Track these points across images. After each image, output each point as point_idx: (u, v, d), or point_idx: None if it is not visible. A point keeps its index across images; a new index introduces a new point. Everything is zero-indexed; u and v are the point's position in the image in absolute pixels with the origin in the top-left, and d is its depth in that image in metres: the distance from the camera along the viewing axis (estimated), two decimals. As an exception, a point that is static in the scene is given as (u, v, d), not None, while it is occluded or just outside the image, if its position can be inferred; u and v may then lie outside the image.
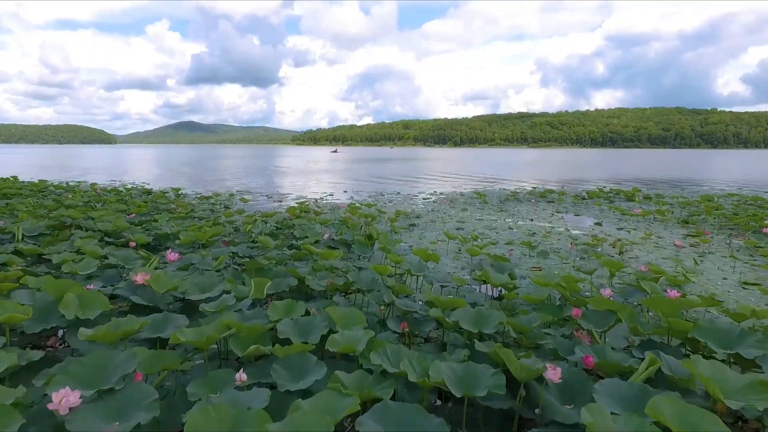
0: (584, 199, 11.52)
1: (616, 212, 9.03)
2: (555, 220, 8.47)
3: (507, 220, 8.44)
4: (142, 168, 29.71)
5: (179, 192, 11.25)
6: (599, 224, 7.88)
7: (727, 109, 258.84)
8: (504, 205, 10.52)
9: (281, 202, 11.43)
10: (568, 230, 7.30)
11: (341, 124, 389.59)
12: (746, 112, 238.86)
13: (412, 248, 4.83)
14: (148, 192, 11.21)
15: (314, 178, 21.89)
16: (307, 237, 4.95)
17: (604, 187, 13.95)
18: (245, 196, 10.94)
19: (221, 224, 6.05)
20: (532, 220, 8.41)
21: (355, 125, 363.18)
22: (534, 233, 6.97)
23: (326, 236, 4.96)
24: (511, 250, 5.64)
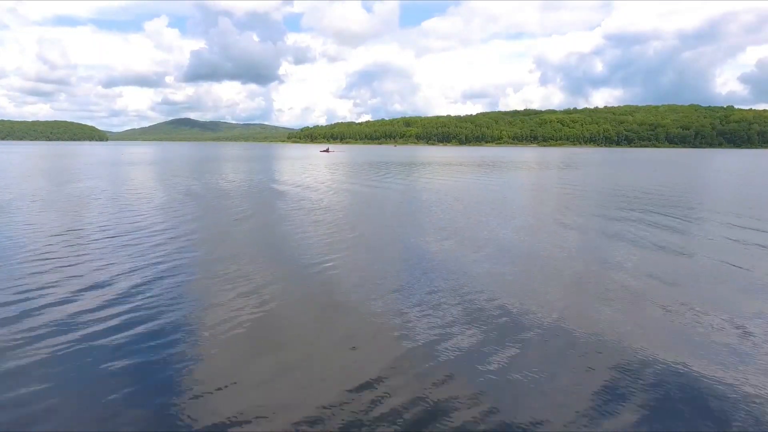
0: None
1: None
2: None
3: None
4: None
5: None
6: None
7: (746, 107, 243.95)
8: None
9: None
10: None
11: (339, 121, 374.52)
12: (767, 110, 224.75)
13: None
14: None
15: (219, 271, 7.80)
16: None
17: None
18: None
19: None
20: None
21: (354, 122, 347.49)
22: None
23: None
24: None
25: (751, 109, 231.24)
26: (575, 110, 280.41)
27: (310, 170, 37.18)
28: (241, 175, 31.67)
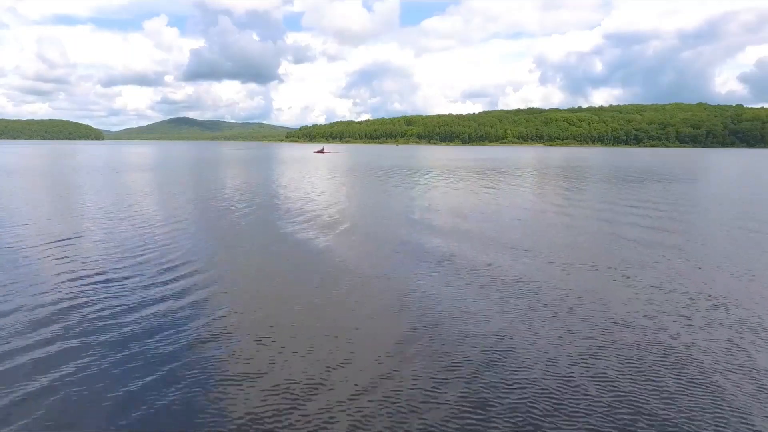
0: None
1: None
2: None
3: None
4: None
5: None
6: None
7: (757, 106, 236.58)
8: None
9: None
10: None
11: (339, 120, 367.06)
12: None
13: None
14: None
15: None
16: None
17: None
18: None
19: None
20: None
21: (353, 121, 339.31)
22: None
23: None
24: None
25: (762, 108, 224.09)
26: (580, 109, 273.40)
27: (295, 181, 30.49)
28: (198, 202, 25.01)
